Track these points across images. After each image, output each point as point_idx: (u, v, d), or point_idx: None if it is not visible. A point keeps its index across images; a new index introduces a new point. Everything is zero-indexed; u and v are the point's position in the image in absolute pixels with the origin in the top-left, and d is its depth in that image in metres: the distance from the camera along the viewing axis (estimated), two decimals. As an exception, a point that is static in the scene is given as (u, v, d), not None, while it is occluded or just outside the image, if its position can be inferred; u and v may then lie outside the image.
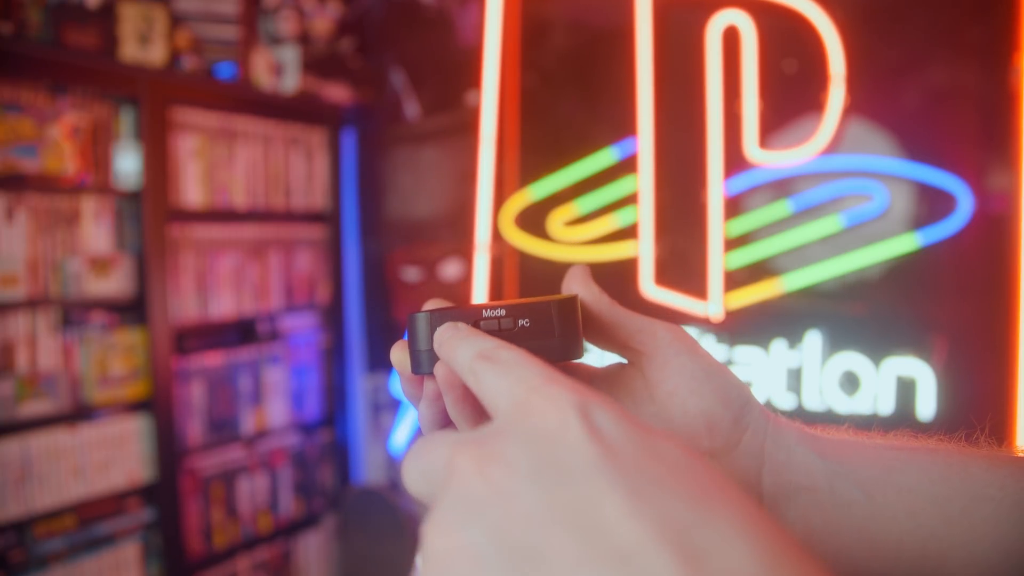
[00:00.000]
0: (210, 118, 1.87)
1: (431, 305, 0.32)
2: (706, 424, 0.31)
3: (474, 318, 0.30)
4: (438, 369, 0.30)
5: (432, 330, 0.30)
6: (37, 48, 1.55)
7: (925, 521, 0.28)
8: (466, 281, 1.92)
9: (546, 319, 0.30)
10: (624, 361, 0.34)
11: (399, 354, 0.32)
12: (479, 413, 0.30)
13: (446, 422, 0.32)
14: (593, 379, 0.35)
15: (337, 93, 2.15)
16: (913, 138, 1.37)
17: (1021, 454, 0.30)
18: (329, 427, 2.21)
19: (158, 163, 1.72)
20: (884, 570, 0.28)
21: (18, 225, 1.52)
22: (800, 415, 1.44)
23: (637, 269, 1.62)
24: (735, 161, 1.51)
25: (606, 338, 0.33)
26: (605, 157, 1.68)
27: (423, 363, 0.31)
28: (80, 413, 1.63)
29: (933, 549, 0.28)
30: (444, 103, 2.06)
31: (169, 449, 1.75)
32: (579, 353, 0.31)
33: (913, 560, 0.28)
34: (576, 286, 0.34)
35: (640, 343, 0.32)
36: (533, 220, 1.78)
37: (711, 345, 1.57)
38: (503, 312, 0.30)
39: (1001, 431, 1.27)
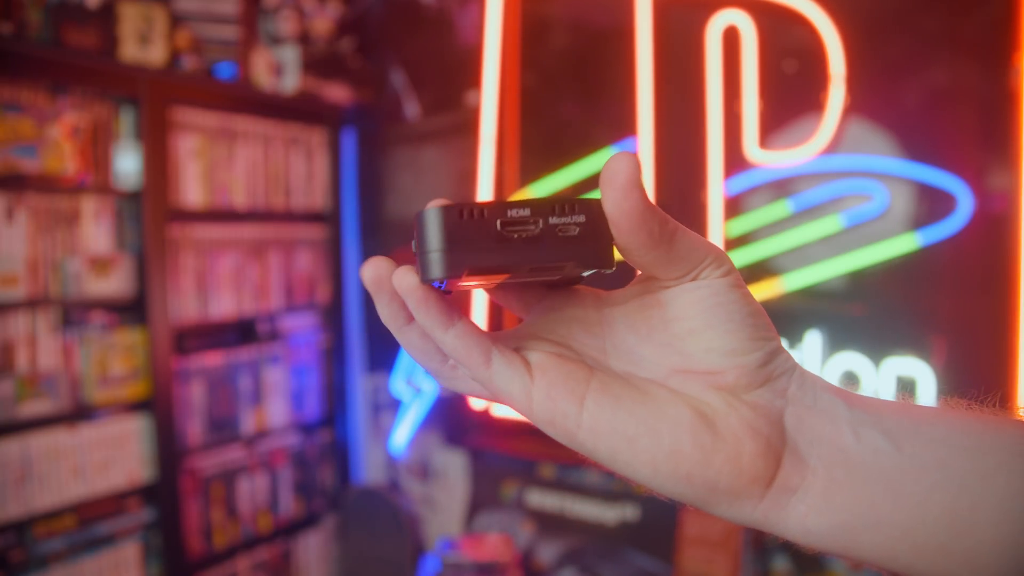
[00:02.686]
0: (210, 118, 1.87)
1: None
2: (732, 362, 0.29)
3: (497, 216, 0.27)
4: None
5: (446, 228, 0.26)
6: (37, 48, 1.55)
7: (957, 473, 0.26)
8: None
9: (578, 220, 0.27)
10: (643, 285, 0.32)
11: (384, 267, 0.28)
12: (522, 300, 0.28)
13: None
14: (600, 301, 0.33)
15: (337, 93, 2.15)
16: (913, 138, 1.37)
17: None
18: (329, 427, 2.21)
19: (158, 163, 1.72)
20: (909, 525, 0.26)
21: (18, 225, 1.52)
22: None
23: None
24: (735, 161, 1.51)
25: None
26: (605, 157, 1.68)
27: (432, 266, 0.26)
28: (80, 413, 1.63)
29: (964, 504, 0.26)
30: (444, 103, 2.06)
31: (169, 449, 1.75)
32: (611, 263, 0.28)
33: (940, 514, 0.26)
34: (618, 183, 0.26)
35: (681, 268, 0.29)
36: (533, 220, 1.77)
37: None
38: (528, 212, 0.27)
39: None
